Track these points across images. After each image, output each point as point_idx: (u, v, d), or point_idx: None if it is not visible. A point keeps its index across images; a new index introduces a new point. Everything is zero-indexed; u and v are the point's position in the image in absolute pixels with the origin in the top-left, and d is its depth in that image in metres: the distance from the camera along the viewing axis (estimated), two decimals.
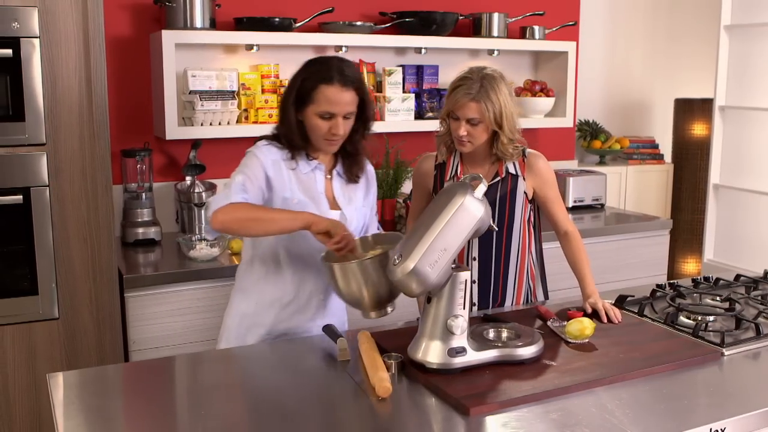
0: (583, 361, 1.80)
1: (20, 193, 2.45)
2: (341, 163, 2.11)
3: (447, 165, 2.30)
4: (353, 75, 1.99)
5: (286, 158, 2.02)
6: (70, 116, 2.48)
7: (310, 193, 2.03)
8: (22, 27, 2.38)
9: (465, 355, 1.71)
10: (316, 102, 1.96)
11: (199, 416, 1.55)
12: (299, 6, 3.32)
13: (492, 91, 2.11)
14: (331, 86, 1.95)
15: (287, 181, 2.01)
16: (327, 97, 1.95)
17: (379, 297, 1.85)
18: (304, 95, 1.97)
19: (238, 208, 1.90)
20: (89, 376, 1.83)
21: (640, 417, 1.54)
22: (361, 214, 2.13)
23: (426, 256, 1.65)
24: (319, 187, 2.05)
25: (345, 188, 2.11)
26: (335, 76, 1.95)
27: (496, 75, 2.16)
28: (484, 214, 1.71)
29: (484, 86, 2.11)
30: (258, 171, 1.98)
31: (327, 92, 1.95)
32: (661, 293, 2.29)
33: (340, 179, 2.10)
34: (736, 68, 4.02)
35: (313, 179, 2.05)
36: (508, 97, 2.15)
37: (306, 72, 1.99)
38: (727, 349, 1.87)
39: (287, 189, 2.01)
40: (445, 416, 1.56)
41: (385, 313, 1.90)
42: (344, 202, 2.09)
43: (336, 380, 1.74)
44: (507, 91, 2.16)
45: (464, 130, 2.14)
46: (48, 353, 2.56)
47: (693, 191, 4.39)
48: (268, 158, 2.00)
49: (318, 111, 1.96)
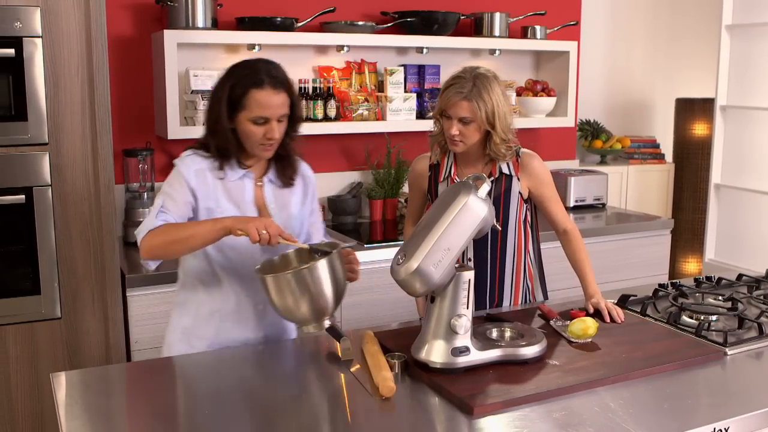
0: (586, 360, 1.80)
1: (22, 193, 2.45)
2: (274, 168, 2.03)
3: (441, 165, 2.30)
4: (282, 76, 1.92)
5: (212, 167, 1.95)
6: (72, 116, 2.48)
7: (237, 202, 1.96)
8: (24, 27, 2.38)
9: (468, 355, 1.71)
10: (248, 108, 1.88)
11: (204, 416, 1.55)
12: (301, 6, 3.32)
13: (484, 91, 2.10)
14: (262, 90, 1.87)
15: (212, 190, 1.94)
16: (259, 102, 1.88)
17: (316, 310, 1.75)
18: (235, 102, 1.89)
19: (157, 234, 1.84)
20: (93, 375, 1.83)
21: (643, 416, 1.54)
22: (297, 219, 2.06)
23: (430, 255, 1.65)
24: (247, 196, 1.98)
25: (278, 194, 2.03)
26: (265, 79, 1.88)
27: (489, 75, 2.15)
28: (487, 213, 1.71)
29: (477, 85, 2.10)
30: (180, 185, 1.92)
31: (258, 96, 1.88)
32: (663, 293, 2.29)
33: (272, 185, 2.03)
34: (737, 68, 4.02)
35: (241, 187, 1.98)
36: (501, 97, 2.14)
37: (234, 77, 1.91)
38: (730, 349, 1.87)
39: (211, 199, 1.94)
40: (448, 415, 1.56)
41: (321, 327, 1.79)
42: (276, 209, 2.02)
43: (339, 380, 1.74)
44: (500, 90, 2.15)
45: (456, 129, 2.13)
46: (50, 353, 2.56)
47: (694, 191, 4.39)
48: (190, 169, 1.93)
49: (251, 116, 1.89)
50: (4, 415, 2.53)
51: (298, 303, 1.73)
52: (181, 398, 1.71)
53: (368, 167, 3.59)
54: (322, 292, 1.73)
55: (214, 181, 1.95)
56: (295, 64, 3.38)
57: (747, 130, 4.04)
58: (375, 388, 1.65)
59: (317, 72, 3.44)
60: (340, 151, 3.56)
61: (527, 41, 3.73)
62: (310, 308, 1.74)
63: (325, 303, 1.75)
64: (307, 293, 1.72)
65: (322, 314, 1.77)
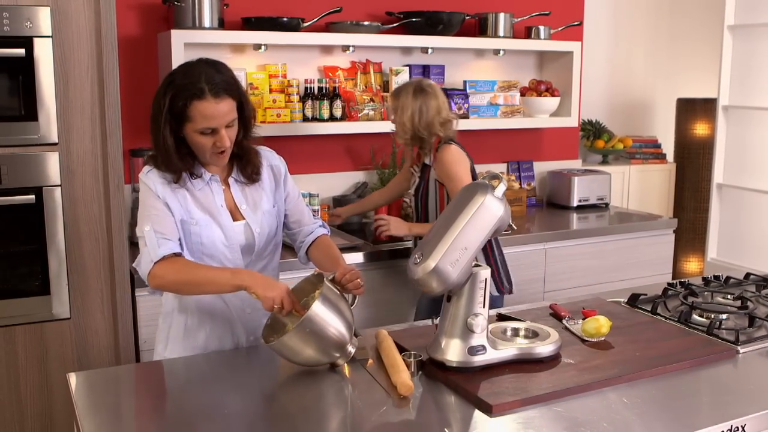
0: (600, 359, 1.81)
1: (32, 193, 2.45)
2: (236, 168, 1.98)
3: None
4: (224, 81, 1.82)
5: (171, 180, 1.87)
6: (82, 116, 2.48)
7: (209, 209, 1.90)
8: (34, 27, 2.38)
9: (485, 354, 1.72)
10: (193, 120, 1.79)
11: (221, 415, 1.55)
12: (307, 6, 3.33)
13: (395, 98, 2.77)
14: (203, 101, 1.78)
15: (182, 202, 1.88)
16: (203, 113, 1.78)
17: (335, 346, 1.72)
18: (178, 114, 1.80)
19: (170, 271, 1.79)
20: (109, 375, 1.84)
21: (660, 414, 1.55)
22: (272, 216, 2.01)
23: (447, 255, 1.66)
24: (218, 201, 1.92)
25: (247, 193, 1.98)
26: (206, 88, 1.78)
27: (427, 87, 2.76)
28: (504, 213, 1.72)
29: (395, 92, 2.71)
30: (157, 202, 1.86)
31: (201, 108, 1.78)
32: (673, 292, 2.30)
33: (238, 185, 1.97)
34: (739, 68, 4.05)
35: (209, 193, 1.91)
36: (417, 107, 2.73)
37: (173, 88, 1.80)
38: (742, 347, 1.89)
39: (183, 211, 1.88)
40: (467, 414, 1.57)
41: (348, 356, 1.76)
42: (248, 210, 1.96)
43: (356, 379, 1.74)
44: (418, 102, 2.73)
45: None
46: (59, 353, 2.56)
47: (695, 190, 4.41)
48: (157, 185, 1.86)
49: (197, 128, 1.80)
50: (14, 414, 2.53)
51: (316, 350, 1.70)
52: (198, 398, 1.71)
53: (373, 167, 3.59)
54: (329, 330, 1.69)
55: (182, 192, 1.88)
56: (301, 64, 3.38)
57: (749, 130, 4.06)
58: (392, 387, 1.66)
59: (322, 72, 3.44)
60: (345, 151, 3.56)
61: (531, 41, 3.75)
62: (330, 348, 1.72)
63: (340, 335, 1.72)
64: (318, 339, 1.69)
65: (343, 345, 1.74)
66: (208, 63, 1.86)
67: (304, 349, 1.69)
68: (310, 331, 1.67)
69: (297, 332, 1.66)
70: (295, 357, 1.72)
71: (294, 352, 1.70)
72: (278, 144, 3.42)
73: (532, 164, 4.02)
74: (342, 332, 1.72)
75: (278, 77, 3.28)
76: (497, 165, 3.91)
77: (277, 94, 3.24)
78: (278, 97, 3.24)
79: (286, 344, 1.68)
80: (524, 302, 2.68)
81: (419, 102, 2.72)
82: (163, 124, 1.81)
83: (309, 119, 3.27)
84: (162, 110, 1.81)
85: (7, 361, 2.49)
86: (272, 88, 3.26)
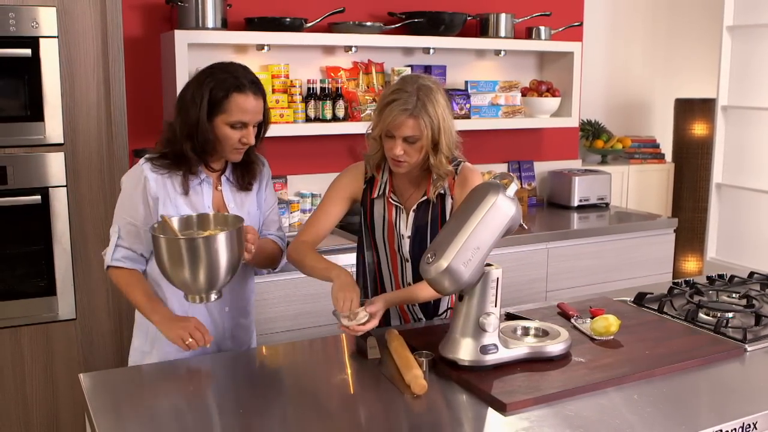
0: (611, 357, 1.82)
1: (38, 194, 2.45)
2: (231, 170, 2.02)
3: (375, 180, 2.11)
4: (260, 83, 1.93)
5: (169, 175, 1.93)
6: (88, 116, 2.48)
7: (196, 209, 1.95)
8: (40, 27, 2.38)
9: (497, 353, 1.73)
10: (228, 111, 1.87)
11: (237, 414, 1.56)
12: (309, 6, 3.33)
13: (429, 104, 1.91)
14: (243, 94, 1.87)
15: (172, 197, 1.93)
16: (240, 106, 1.87)
17: (207, 280, 1.75)
18: (214, 105, 1.87)
19: (118, 279, 1.94)
20: (121, 375, 1.84)
21: (673, 411, 1.56)
22: (256, 219, 2.07)
23: (460, 254, 1.67)
24: (206, 201, 1.97)
25: (237, 193, 2.04)
26: (247, 84, 1.88)
27: (433, 85, 1.96)
28: (515, 212, 1.73)
29: (421, 99, 1.91)
30: (138, 207, 1.92)
31: (240, 101, 1.87)
32: (678, 291, 2.32)
33: (230, 185, 2.02)
34: (738, 68, 4.07)
35: (200, 194, 1.97)
36: (446, 110, 1.96)
37: (213, 80, 1.88)
38: (750, 345, 1.90)
39: (171, 206, 1.92)
40: (481, 413, 1.58)
41: (208, 299, 1.81)
42: (235, 209, 2.01)
43: (369, 378, 1.75)
44: (445, 102, 1.96)
45: (401, 150, 1.94)
46: (65, 354, 2.56)
47: (693, 190, 4.44)
48: (150, 175, 1.91)
49: (230, 120, 1.88)
50: (20, 415, 2.52)
51: (191, 270, 1.73)
52: (214, 397, 1.71)
53: None
54: (216, 264, 1.73)
55: (172, 190, 1.93)
56: (303, 65, 3.39)
57: (747, 130, 4.09)
58: (405, 386, 1.66)
59: (325, 72, 3.45)
60: (347, 151, 3.57)
61: (533, 42, 3.76)
62: (203, 278, 1.75)
63: (217, 276, 1.76)
64: (202, 262, 1.72)
65: (212, 287, 1.78)
66: (244, 66, 1.95)
67: (181, 263, 1.72)
68: (202, 252, 1.71)
69: (188, 244, 1.71)
70: (169, 262, 1.74)
71: (173, 256, 1.73)
72: (281, 144, 3.45)
73: (532, 164, 4.03)
74: (222, 274, 1.76)
75: (281, 77, 3.28)
76: (498, 165, 3.92)
77: (280, 95, 3.25)
78: (281, 97, 3.24)
79: (172, 245, 1.73)
80: (527, 302, 2.70)
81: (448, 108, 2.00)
82: (202, 112, 1.87)
83: (312, 119, 3.27)
84: (200, 99, 1.86)
85: (13, 362, 2.48)
86: (275, 88, 3.26)
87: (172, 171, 1.92)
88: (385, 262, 2.15)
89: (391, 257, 2.13)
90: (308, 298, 2.87)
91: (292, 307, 2.82)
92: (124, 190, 1.96)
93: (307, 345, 2.03)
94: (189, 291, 1.80)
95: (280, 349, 1.99)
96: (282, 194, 3.37)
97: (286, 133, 3.20)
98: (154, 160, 1.93)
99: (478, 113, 3.63)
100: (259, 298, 2.70)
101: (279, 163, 3.41)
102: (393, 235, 2.10)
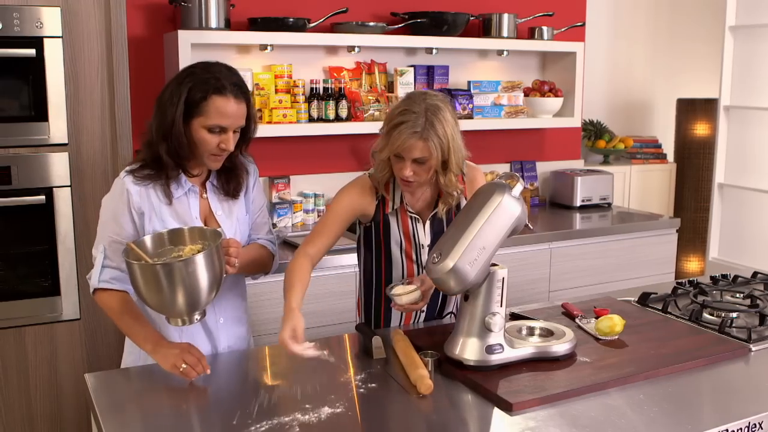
0: (615, 357, 1.82)
1: (42, 194, 2.45)
2: (216, 177, 1.93)
3: (386, 198, 2.09)
4: (244, 85, 1.82)
5: (152, 186, 1.84)
6: (92, 116, 2.48)
7: (184, 220, 1.86)
8: (45, 27, 2.38)
9: (502, 352, 1.73)
10: (206, 114, 1.76)
11: (244, 414, 1.56)
12: (312, 6, 3.33)
13: (438, 124, 1.89)
14: (223, 97, 1.76)
15: (157, 210, 1.84)
16: (219, 109, 1.76)
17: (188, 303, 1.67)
18: (191, 106, 1.76)
19: (105, 303, 1.85)
20: (126, 375, 1.84)
21: (679, 410, 1.57)
22: (245, 224, 2.00)
23: (465, 254, 1.67)
24: (193, 212, 1.88)
25: (224, 200, 1.95)
26: (228, 87, 1.77)
27: (440, 103, 1.94)
28: (521, 212, 1.73)
29: (429, 119, 1.88)
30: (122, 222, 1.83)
31: (219, 104, 1.76)
32: (682, 290, 2.32)
33: (216, 192, 1.93)
34: (740, 69, 4.08)
35: (186, 204, 1.88)
36: (454, 128, 1.93)
37: (193, 80, 1.77)
38: (754, 345, 1.91)
39: (157, 219, 1.84)
40: (487, 412, 1.58)
41: (191, 321, 1.73)
42: (223, 216, 1.94)
43: (375, 378, 1.75)
44: (453, 119, 1.94)
45: (410, 171, 1.92)
46: (69, 354, 2.56)
47: (695, 190, 4.44)
48: (133, 189, 1.82)
49: (207, 124, 1.77)
50: (23, 415, 2.52)
51: (170, 295, 1.64)
52: (219, 396, 1.72)
53: None
54: (197, 286, 1.65)
55: (157, 202, 1.85)
56: (306, 65, 3.39)
57: (750, 130, 4.09)
58: (410, 386, 1.66)
59: (327, 72, 3.45)
60: (350, 152, 3.57)
61: (535, 42, 3.76)
62: (183, 301, 1.66)
63: (198, 298, 1.67)
64: (181, 286, 1.63)
65: (194, 309, 1.70)
66: (228, 67, 1.85)
67: (160, 286, 1.63)
68: (179, 276, 1.62)
69: (165, 269, 1.62)
70: (145, 288, 1.66)
71: (149, 283, 1.64)
72: (284, 144, 3.45)
73: (534, 164, 4.04)
74: (203, 295, 1.68)
75: (284, 78, 3.28)
76: (501, 165, 3.92)
77: (283, 95, 3.25)
78: (284, 97, 3.24)
79: (146, 271, 1.64)
80: (530, 302, 2.71)
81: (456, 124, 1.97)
82: (176, 113, 1.76)
83: (315, 119, 3.27)
84: (179, 99, 1.76)
85: (17, 362, 2.49)
86: (278, 88, 3.27)
87: (154, 181, 1.83)
88: (399, 270, 2.10)
89: (407, 267, 2.10)
90: (310, 298, 2.86)
91: None
92: (105, 208, 1.87)
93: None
94: (170, 315, 1.72)
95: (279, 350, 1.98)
96: (285, 194, 3.37)
97: (289, 133, 3.20)
98: (134, 171, 1.84)
99: (481, 113, 3.63)
100: (260, 299, 2.71)
101: (282, 163, 3.42)
102: (410, 246, 2.09)
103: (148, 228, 1.83)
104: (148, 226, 1.83)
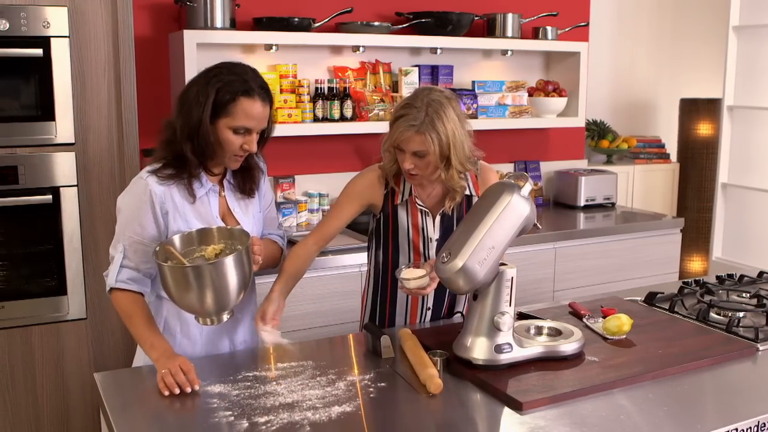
0: (624, 356, 1.83)
1: (49, 193, 2.46)
2: (232, 176, 1.96)
3: (396, 188, 2.12)
4: (269, 88, 1.85)
5: (175, 185, 1.85)
6: (99, 116, 2.48)
7: (206, 219, 1.89)
8: (52, 27, 2.38)
9: (511, 352, 1.74)
10: (233, 115, 1.79)
11: (255, 413, 1.56)
12: (317, 6, 3.34)
13: (438, 120, 1.90)
14: (251, 99, 1.79)
15: (180, 210, 1.86)
16: (246, 111, 1.79)
17: (217, 303, 1.71)
18: (218, 107, 1.78)
19: (119, 303, 1.84)
20: (135, 374, 1.84)
21: (688, 410, 1.57)
22: (259, 222, 2.04)
23: (475, 254, 1.67)
24: (213, 212, 1.91)
25: (240, 198, 1.99)
26: (256, 89, 1.80)
27: (444, 99, 1.95)
28: (530, 212, 1.74)
29: (429, 115, 1.90)
30: (144, 222, 1.83)
31: (246, 106, 1.79)
32: (689, 290, 2.32)
33: (233, 190, 1.97)
34: (744, 68, 4.08)
35: (207, 203, 1.90)
36: (457, 124, 1.94)
37: (220, 81, 1.79)
38: (762, 344, 1.91)
39: (181, 219, 1.86)
40: (497, 411, 1.58)
41: (220, 321, 1.77)
42: (241, 214, 1.97)
43: (384, 378, 1.75)
44: (456, 115, 1.95)
45: (411, 163, 1.96)
46: (76, 353, 2.56)
47: (698, 190, 4.44)
48: (156, 190, 1.83)
49: (233, 125, 1.79)
50: (30, 414, 2.53)
51: (199, 296, 1.68)
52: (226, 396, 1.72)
53: None
54: (226, 287, 1.69)
55: (181, 202, 1.86)
56: (311, 64, 3.39)
57: (753, 130, 4.10)
58: (419, 386, 1.67)
59: (332, 72, 3.45)
60: (355, 151, 3.57)
61: (540, 42, 3.76)
62: (213, 302, 1.70)
63: (228, 299, 1.72)
64: (210, 288, 1.67)
65: (223, 309, 1.74)
66: (253, 69, 1.87)
67: (189, 290, 1.67)
68: (209, 278, 1.66)
69: (195, 272, 1.66)
70: (175, 289, 1.69)
71: (179, 283, 1.68)
72: (289, 144, 3.45)
73: (539, 164, 4.04)
74: (233, 296, 1.72)
75: (289, 77, 3.28)
76: (505, 165, 3.92)
77: (288, 95, 3.25)
78: (289, 97, 3.24)
79: (176, 273, 1.67)
80: (535, 301, 2.71)
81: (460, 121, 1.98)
82: (205, 112, 1.78)
83: (319, 119, 3.28)
84: (206, 100, 1.77)
85: (23, 361, 2.49)
86: (283, 88, 3.27)
87: (177, 180, 1.85)
88: (406, 263, 2.12)
89: (414, 260, 2.12)
90: (315, 298, 2.88)
91: (299, 307, 2.82)
92: (126, 208, 1.87)
93: (314, 344, 2.03)
94: (199, 314, 1.76)
95: (291, 348, 1.99)
96: (290, 194, 3.37)
97: (293, 133, 3.20)
98: (157, 171, 1.85)
99: (485, 113, 3.63)
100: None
101: (287, 163, 3.42)
102: (419, 239, 2.10)
103: (172, 227, 1.84)
104: (173, 225, 1.84)
